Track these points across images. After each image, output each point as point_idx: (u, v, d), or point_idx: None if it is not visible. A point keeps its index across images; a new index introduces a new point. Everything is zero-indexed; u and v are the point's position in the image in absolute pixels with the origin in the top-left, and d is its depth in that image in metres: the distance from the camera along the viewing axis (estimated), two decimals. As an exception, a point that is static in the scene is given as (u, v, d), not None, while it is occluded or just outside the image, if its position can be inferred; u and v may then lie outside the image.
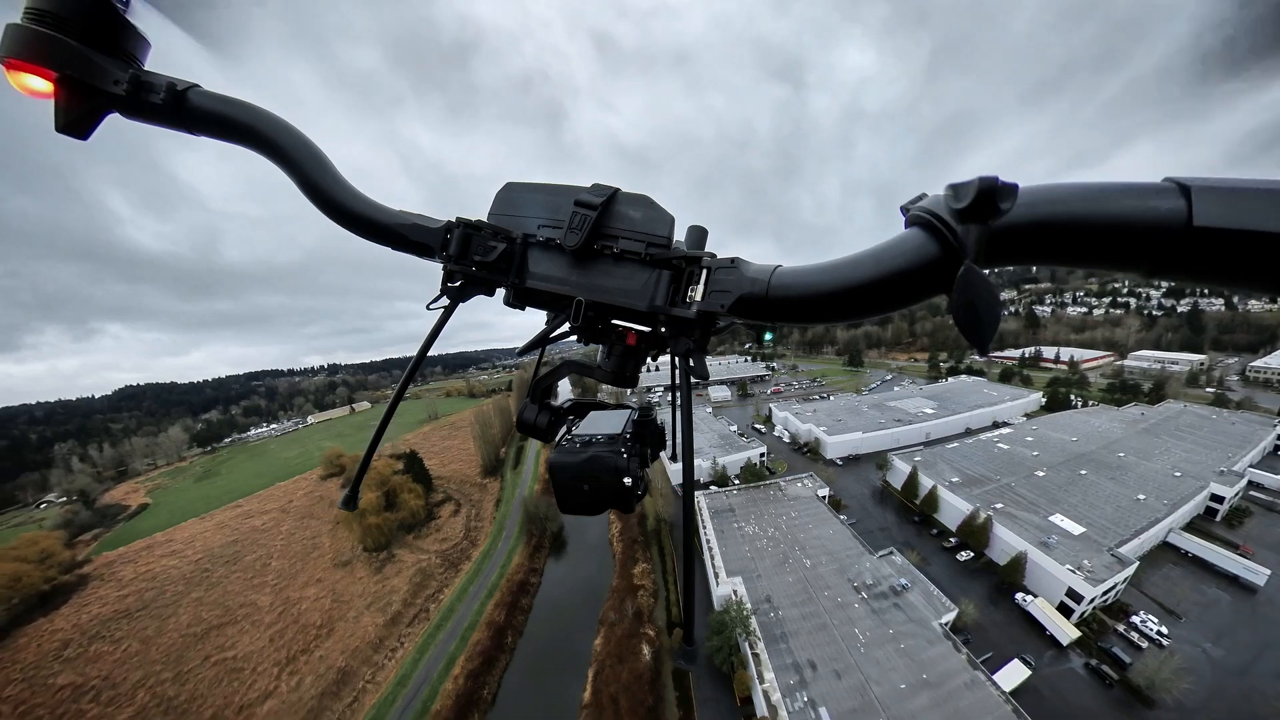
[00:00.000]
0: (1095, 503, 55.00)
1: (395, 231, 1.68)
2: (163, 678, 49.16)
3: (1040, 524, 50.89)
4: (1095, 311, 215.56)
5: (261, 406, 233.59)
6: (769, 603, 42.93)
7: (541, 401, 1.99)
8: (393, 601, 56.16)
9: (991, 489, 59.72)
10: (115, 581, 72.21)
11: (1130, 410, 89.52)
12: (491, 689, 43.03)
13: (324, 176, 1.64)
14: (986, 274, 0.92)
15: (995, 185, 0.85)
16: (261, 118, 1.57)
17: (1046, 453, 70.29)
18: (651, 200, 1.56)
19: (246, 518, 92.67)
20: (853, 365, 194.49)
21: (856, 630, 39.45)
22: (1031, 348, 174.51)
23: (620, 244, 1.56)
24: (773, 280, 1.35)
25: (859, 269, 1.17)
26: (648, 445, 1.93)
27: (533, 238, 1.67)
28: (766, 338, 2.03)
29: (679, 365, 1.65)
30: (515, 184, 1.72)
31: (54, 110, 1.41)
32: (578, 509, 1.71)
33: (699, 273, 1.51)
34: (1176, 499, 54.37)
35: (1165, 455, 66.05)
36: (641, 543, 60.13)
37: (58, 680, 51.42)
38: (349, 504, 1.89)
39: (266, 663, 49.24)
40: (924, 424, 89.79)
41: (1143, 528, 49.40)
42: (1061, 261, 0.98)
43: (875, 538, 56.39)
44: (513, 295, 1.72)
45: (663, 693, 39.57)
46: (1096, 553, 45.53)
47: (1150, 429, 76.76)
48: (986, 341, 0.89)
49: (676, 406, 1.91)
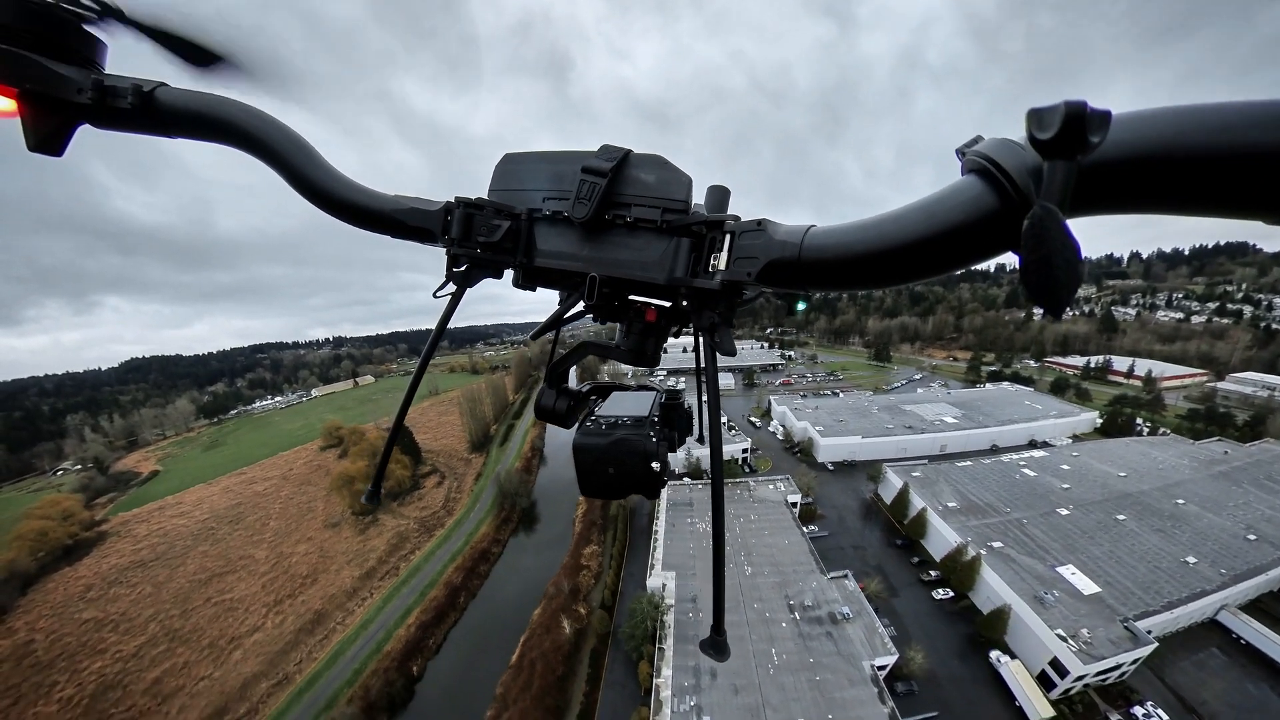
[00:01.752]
0: (1126, 558, 47.94)
1: (392, 218, 1.69)
2: (170, 614, 59.65)
3: (1044, 574, 45.59)
4: (1194, 318, 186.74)
5: (266, 379, 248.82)
6: (693, 603, 43.92)
7: (559, 386, 2.00)
8: (370, 559, 65.67)
9: (995, 522, 54.39)
10: (131, 538, 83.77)
11: (1210, 446, 75.55)
12: (438, 640, 51.80)
13: (311, 167, 1.65)
14: (1066, 223, 0.78)
15: (1084, 111, 0.72)
16: (238, 111, 1.58)
17: (1081, 487, 62.26)
18: (665, 160, 1.53)
19: (250, 484, 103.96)
20: (879, 360, 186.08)
21: (774, 650, 38.84)
22: (1100, 356, 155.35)
23: (633, 212, 1.52)
24: (805, 242, 1.26)
25: (905, 225, 1.07)
26: (675, 429, 1.97)
27: (538, 212, 1.65)
28: (799, 307, 2.04)
29: (703, 341, 1.67)
30: (514, 155, 1.71)
31: (22, 129, 1.44)
32: (600, 492, 1.73)
33: (722, 238, 1.45)
34: (1242, 569, 45.86)
35: (1242, 510, 55.41)
36: (599, 525, 67.29)
37: (82, 615, 62.48)
38: (372, 499, 2.02)
39: (258, 604, 59.33)
40: (940, 434, 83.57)
41: (1182, 599, 42.27)
42: (1168, 207, 0.83)
43: (842, 556, 55.62)
44: (521, 276, 1.73)
45: (576, 667, 44.77)
46: (1106, 621, 39.71)
47: (1231, 473, 64.65)
48: (1063, 305, 0.79)
49: (702, 386, 1.90)
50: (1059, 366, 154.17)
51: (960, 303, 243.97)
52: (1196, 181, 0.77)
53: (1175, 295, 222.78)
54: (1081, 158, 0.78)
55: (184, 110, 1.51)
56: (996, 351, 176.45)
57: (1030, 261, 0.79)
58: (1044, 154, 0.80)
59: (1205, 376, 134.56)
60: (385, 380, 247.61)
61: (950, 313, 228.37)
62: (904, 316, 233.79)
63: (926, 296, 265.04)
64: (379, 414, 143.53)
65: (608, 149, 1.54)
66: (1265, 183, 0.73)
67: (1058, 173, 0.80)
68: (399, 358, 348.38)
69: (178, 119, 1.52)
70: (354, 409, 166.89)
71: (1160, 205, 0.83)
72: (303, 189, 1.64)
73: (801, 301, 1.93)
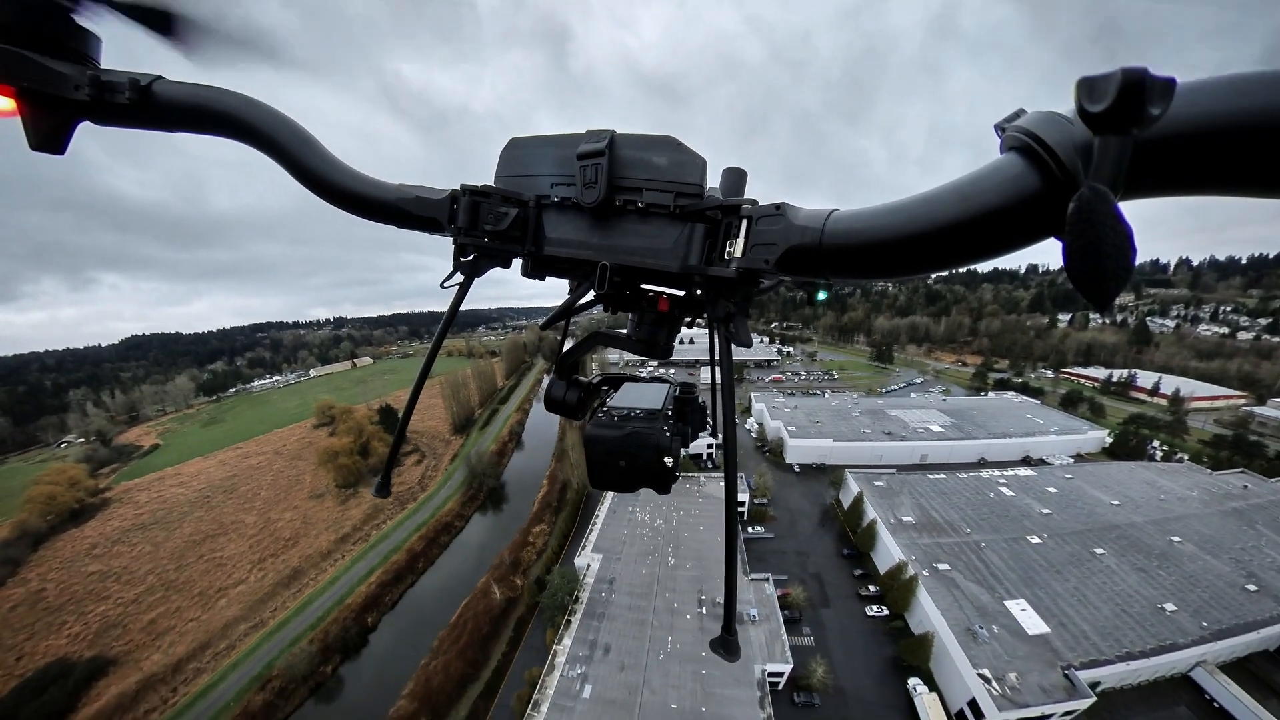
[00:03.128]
0: (1092, 598, 45.03)
1: (397, 208, 1.71)
2: (167, 568, 69.11)
3: (987, 605, 43.58)
4: (1241, 334, 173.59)
5: (266, 358, 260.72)
6: (610, 585, 47.23)
7: (569, 378, 2.03)
8: (345, 526, 74.62)
9: (950, 543, 52.71)
10: (132, 504, 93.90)
11: (1230, 478, 70.00)
12: (393, 598, 60.95)
13: (313, 158, 1.68)
14: (1118, 205, 0.73)
15: (1144, 79, 0.67)
16: (237, 103, 1.60)
17: (1064, 513, 59.49)
18: (677, 142, 1.51)
19: (245, 458, 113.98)
20: (880, 361, 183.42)
21: (670, 638, 40.87)
22: (1124, 370, 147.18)
23: (645, 196, 1.52)
24: (827, 227, 1.23)
25: (937, 208, 1.03)
26: (689, 424, 2.00)
27: (546, 199, 1.66)
28: (820, 297, 2.02)
29: (718, 332, 1.65)
30: (520, 139, 1.72)
31: (23, 128, 1.48)
32: (610, 484, 1.74)
33: (738, 224, 1.43)
34: (1229, 623, 42.09)
35: (1249, 555, 51.05)
36: (554, 508, 74.75)
37: (88, 568, 72.30)
38: (382, 491, 2.09)
39: (244, 562, 68.58)
40: (922, 443, 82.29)
41: (1144, 651, 39.28)
42: (1243, 188, 0.76)
43: (782, 560, 56.56)
44: (530, 265, 1.73)
45: (502, 630, 52.06)
46: (1045, 667, 37.54)
47: (1246, 511, 59.63)
48: (1111, 297, 0.75)
49: (716, 379, 1.90)
50: (1077, 378, 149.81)
51: (980, 304, 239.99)
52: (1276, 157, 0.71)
53: (1223, 308, 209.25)
54: (1138, 132, 0.73)
55: (182, 103, 1.57)
56: (1011, 358, 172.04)
57: (1075, 248, 0.75)
58: (1095, 128, 0.75)
59: (1244, 400, 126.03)
60: (382, 362, 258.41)
61: (967, 314, 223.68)
62: (916, 316, 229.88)
63: (944, 295, 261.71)
64: (370, 395, 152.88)
65: (594, 132, 1.58)
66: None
67: (1110, 149, 0.75)
68: (399, 339, 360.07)
69: (176, 112, 1.58)
70: (349, 389, 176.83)
71: (1230, 185, 0.77)
72: (305, 180, 1.70)
73: (822, 291, 2.03)
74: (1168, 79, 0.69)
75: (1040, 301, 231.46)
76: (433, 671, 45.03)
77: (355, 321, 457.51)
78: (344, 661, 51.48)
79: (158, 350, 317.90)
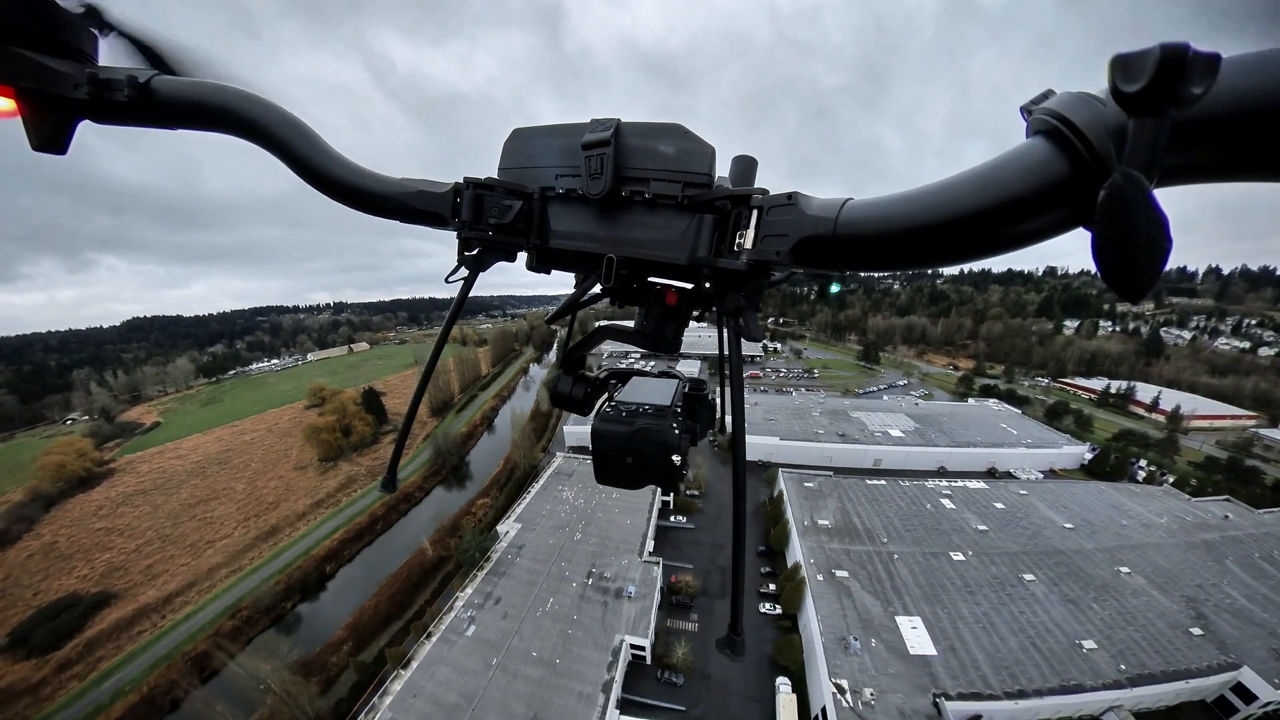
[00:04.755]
0: (1000, 626, 43.23)
1: (400, 202, 1.74)
2: (164, 525, 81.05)
3: (874, 618, 43.40)
4: (1264, 350, 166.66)
5: (265, 342, 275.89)
6: (520, 550, 54.17)
7: (575, 372, 2.05)
8: (321, 493, 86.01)
9: (861, 550, 52.83)
10: (135, 473, 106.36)
11: (1211, 506, 65.82)
12: (351, 553, 72.28)
13: (314, 152, 1.71)
14: (1152, 193, 0.71)
15: (1185, 55, 0.63)
16: (236, 98, 1.63)
17: (1003, 532, 57.88)
18: (685, 130, 1.52)
19: (240, 434, 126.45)
20: (866, 361, 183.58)
21: (551, 599, 46.87)
22: (1126, 382, 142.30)
23: (652, 187, 1.54)
24: (841, 216, 1.22)
25: (957, 196, 1.00)
26: (698, 421, 2.01)
27: (551, 190, 1.69)
28: (833, 289, 2.07)
29: (728, 326, 1.66)
30: (523, 129, 1.74)
31: (24, 128, 1.51)
32: (615, 480, 1.79)
33: (748, 214, 1.44)
34: (1159, 668, 39.19)
35: (1206, 594, 47.85)
36: (502, 483, 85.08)
37: (95, 525, 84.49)
38: (388, 486, 2.17)
39: (231, 521, 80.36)
40: (878, 447, 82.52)
41: (1042, 690, 37.38)
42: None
43: (694, 549, 59.70)
44: (535, 258, 1.77)
45: (429, 582, 62.54)
46: (914, 690, 36.86)
47: (1217, 544, 56.25)
48: (1143, 291, 0.73)
49: (725, 375, 1.91)
50: (1073, 389, 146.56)
51: (986, 306, 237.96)
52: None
53: (1248, 321, 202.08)
54: (1177, 113, 0.70)
55: (181, 99, 1.60)
56: (1008, 364, 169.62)
57: (1106, 239, 0.73)
58: (1129, 110, 0.72)
59: (1255, 420, 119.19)
60: (378, 348, 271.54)
61: (969, 316, 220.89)
62: (914, 316, 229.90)
63: (949, 295, 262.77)
64: (361, 379, 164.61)
65: (598, 122, 1.60)
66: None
67: (1146, 132, 0.72)
68: (398, 326, 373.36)
69: (175, 109, 1.62)
70: (342, 374, 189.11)
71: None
72: (305, 174, 1.72)
73: (835, 284, 2.08)
74: (1211, 54, 0.66)
75: (1049, 306, 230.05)
76: (366, 610, 56.55)
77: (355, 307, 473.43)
78: (303, 600, 62.89)
79: (159, 332, 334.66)
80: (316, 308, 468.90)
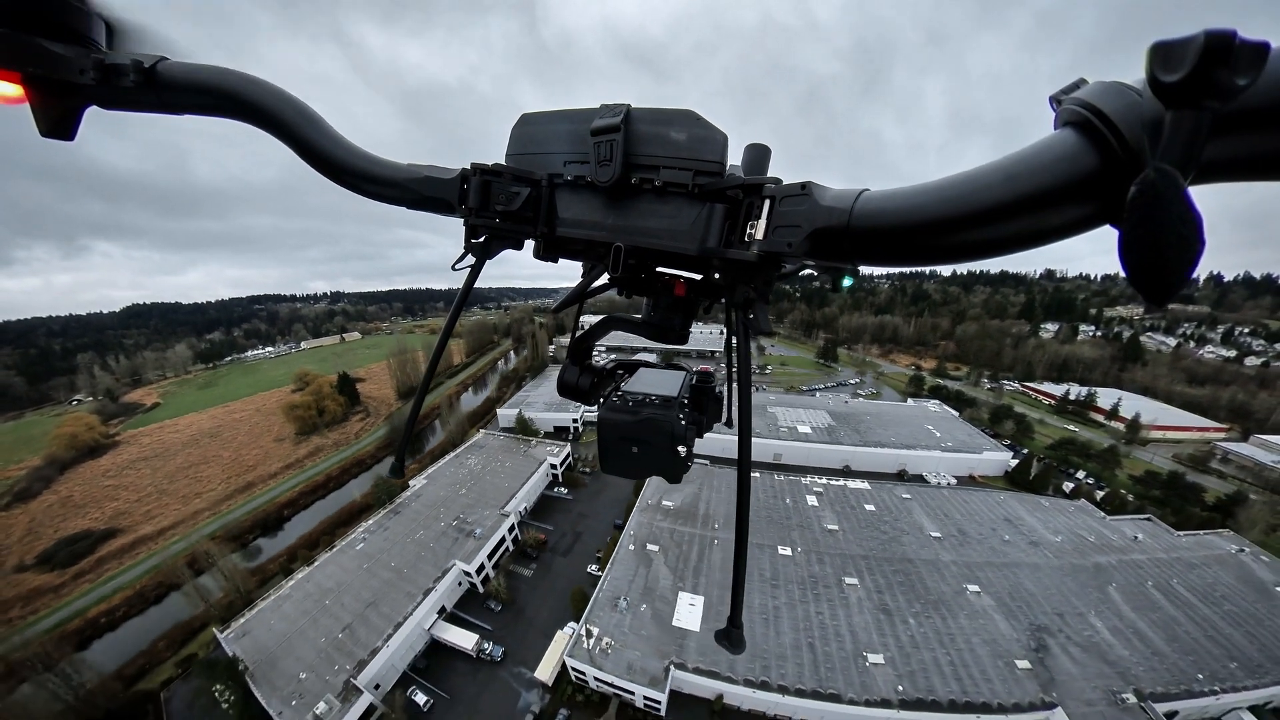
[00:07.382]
0: (785, 623, 44.35)
1: (406, 188, 1.77)
2: (162, 483, 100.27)
3: (661, 590, 48.32)
4: (1250, 360, 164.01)
5: (261, 330, 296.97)
6: (418, 497, 69.63)
7: (583, 363, 2.09)
8: (292, 459, 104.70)
9: (689, 532, 57.44)
10: (138, 445, 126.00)
11: (1124, 525, 62.66)
12: (307, 502, 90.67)
13: (320, 136, 1.75)
14: (1187, 190, 0.69)
15: (1231, 43, 0.60)
16: (241, 82, 1.67)
17: (855, 533, 58.13)
18: (697, 116, 1.52)
19: (231, 414, 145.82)
20: (824, 359, 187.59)
21: (421, 532, 60.52)
22: (1087, 388, 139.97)
23: (663, 175, 1.55)
24: (857, 208, 1.21)
25: (980, 189, 0.98)
26: (704, 412, 2.07)
27: (559, 177, 1.71)
28: (845, 283, 2.07)
29: (737, 318, 1.67)
30: (531, 114, 1.75)
31: (32, 114, 1.56)
32: (621, 470, 1.82)
33: (760, 204, 1.45)
34: (947, 698, 37.95)
35: (1065, 623, 45.29)
36: (434, 454, 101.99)
37: (104, 483, 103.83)
38: (396, 473, 2.23)
39: (216, 479, 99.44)
40: (781, 443, 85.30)
41: (787, 688, 38.40)
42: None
43: (565, 516, 70.36)
44: (542, 246, 1.79)
45: (356, 520, 75.86)
46: (653, 654, 41.45)
47: (1109, 569, 53.27)
48: (1171, 293, 0.71)
49: (733, 368, 1.92)
50: (1035, 393, 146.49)
51: (967, 306, 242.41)
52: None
53: (1240, 329, 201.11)
54: (1219, 106, 0.66)
55: (186, 84, 1.63)
56: (974, 366, 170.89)
57: (1134, 237, 0.71)
58: (1167, 101, 0.68)
59: (1223, 432, 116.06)
60: (368, 338, 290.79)
61: (947, 317, 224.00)
62: (889, 315, 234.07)
63: (931, 295, 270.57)
64: (344, 366, 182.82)
65: (608, 107, 1.62)
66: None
67: (1184, 126, 0.68)
68: (393, 316, 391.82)
69: (181, 94, 1.65)
70: (330, 361, 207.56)
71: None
72: (311, 158, 1.76)
73: (848, 277, 2.07)
74: (1259, 43, 0.63)
75: (1030, 309, 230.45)
76: (303, 539, 75.67)
77: (352, 296, 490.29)
78: (263, 535, 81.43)
79: (158, 319, 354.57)
80: (314, 296, 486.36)
